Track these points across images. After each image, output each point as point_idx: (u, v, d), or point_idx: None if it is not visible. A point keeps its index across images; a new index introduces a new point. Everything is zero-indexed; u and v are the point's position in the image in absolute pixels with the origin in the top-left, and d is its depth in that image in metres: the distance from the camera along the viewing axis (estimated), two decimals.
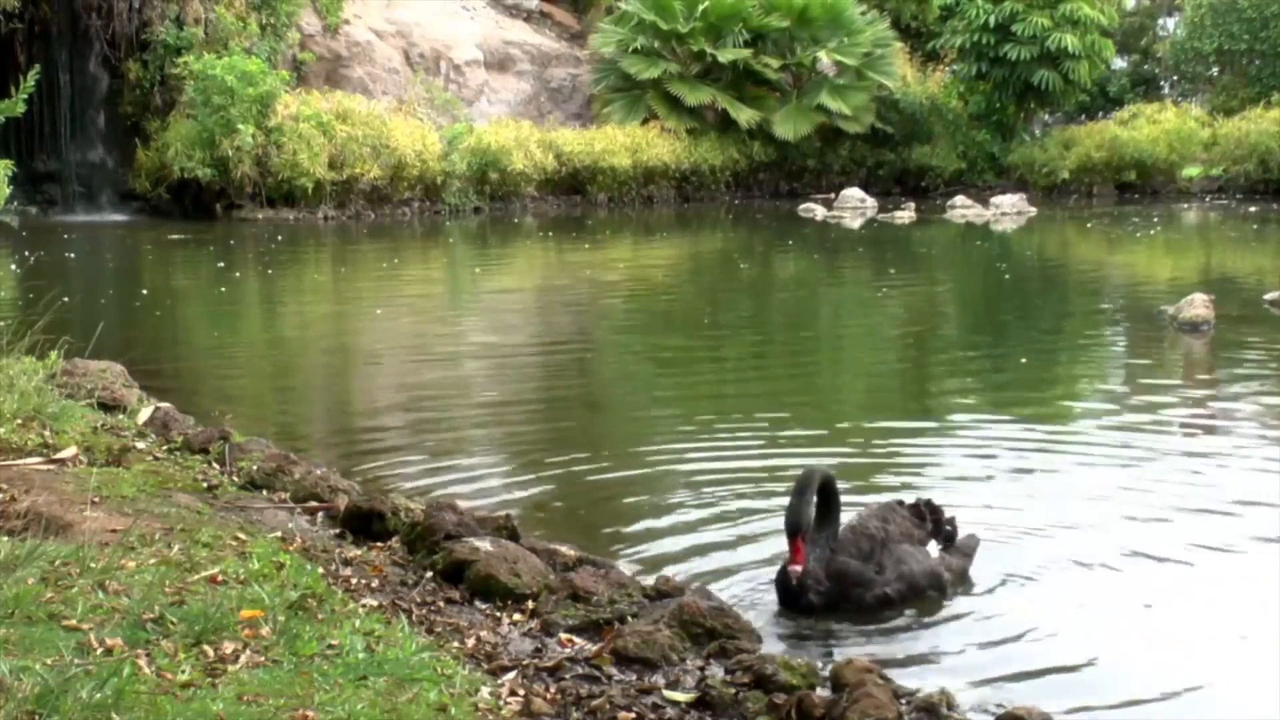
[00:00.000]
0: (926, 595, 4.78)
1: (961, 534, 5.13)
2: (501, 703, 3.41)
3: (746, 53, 26.72)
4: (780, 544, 5.00)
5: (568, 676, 3.70)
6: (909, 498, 5.24)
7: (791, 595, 4.66)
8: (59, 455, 5.34)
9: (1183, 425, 7.77)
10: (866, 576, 4.69)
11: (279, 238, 19.71)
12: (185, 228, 20.80)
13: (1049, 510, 5.94)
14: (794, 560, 4.58)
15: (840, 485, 4.92)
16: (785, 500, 4.72)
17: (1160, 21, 33.24)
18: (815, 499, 4.72)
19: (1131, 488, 6.31)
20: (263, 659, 3.40)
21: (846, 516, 4.90)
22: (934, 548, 4.93)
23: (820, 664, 3.90)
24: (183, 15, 22.66)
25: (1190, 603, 4.85)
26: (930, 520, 5.02)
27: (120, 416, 6.41)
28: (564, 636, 4.03)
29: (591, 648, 3.92)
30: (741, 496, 6.10)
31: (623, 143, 25.45)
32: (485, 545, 4.56)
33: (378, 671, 3.39)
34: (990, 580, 5.01)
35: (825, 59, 27.12)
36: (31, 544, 3.85)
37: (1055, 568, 5.15)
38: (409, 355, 10.71)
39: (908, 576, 4.73)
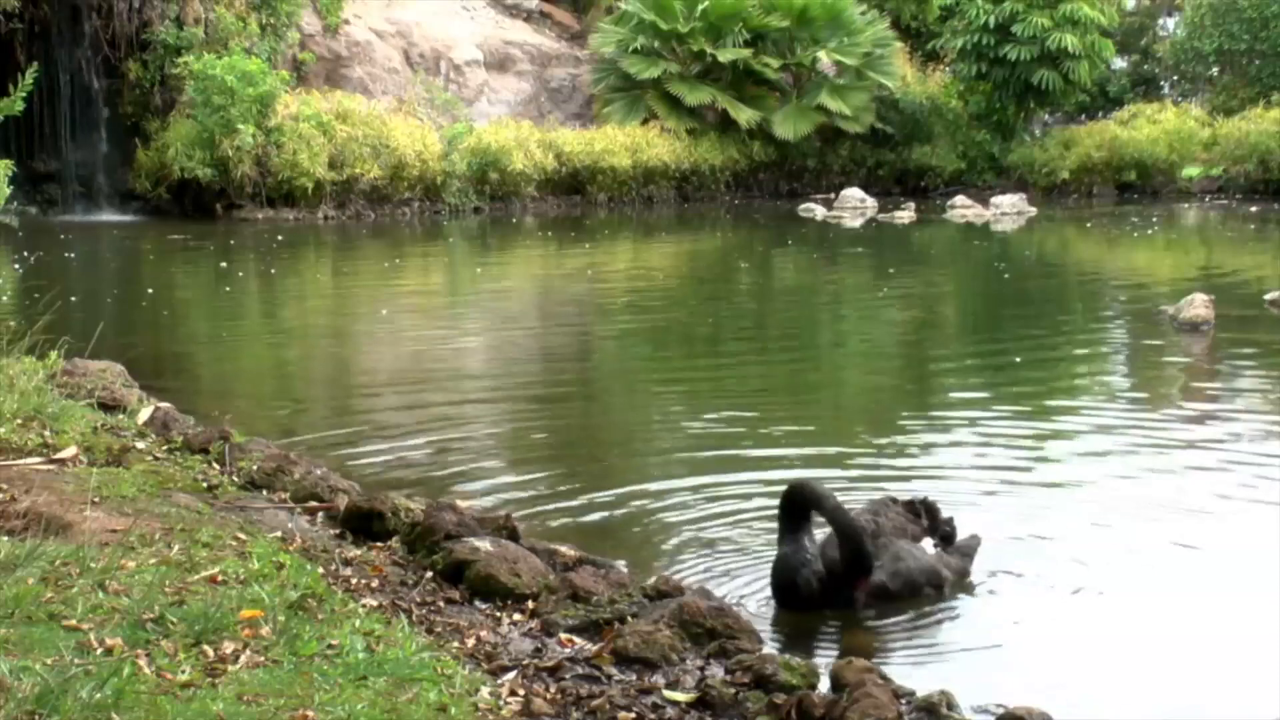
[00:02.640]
0: (924, 592, 4.78)
1: (962, 534, 5.12)
2: (501, 703, 3.41)
3: (746, 53, 26.70)
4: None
5: (568, 676, 3.70)
6: (905, 496, 5.24)
7: (787, 585, 4.66)
8: (59, 455, 5.34)
9: (1183, 425, 7.77)
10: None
11: (279, 238, 19.70)
12: (185, 228, 20.79)
13: (1049, 510, 5.95)
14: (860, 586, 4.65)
15: (839, 484, 4.92)
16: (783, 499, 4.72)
17: (1160, 21, 33.20)
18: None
19: (1131, 488, 6.31)
20: (263, 659, 3.40)
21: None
22: (928, 545, 4.93)
23: (820, 664, 3.90)
24: (183, 15, 22.64)
25: (1192, 601, 4.84)
26: (926, 518, 5.01)
27: (120, 416, 6.40)
28: (564, 636, 4.03)
29: (591, 648, 3.91)
30: (742, 496, 6.10)
31: (623, 143, 25.43)
32: (485, 545, 4.56)
33: (378, 671, 3.39)
34: (991, 580, 5.01)
35: (825, 59, 27.10)
36: (31, 544, 3.85)
37: (1056, 567, 5.14)
38: (410, 355, 10.71)
39: (904, 573, 4.73)
